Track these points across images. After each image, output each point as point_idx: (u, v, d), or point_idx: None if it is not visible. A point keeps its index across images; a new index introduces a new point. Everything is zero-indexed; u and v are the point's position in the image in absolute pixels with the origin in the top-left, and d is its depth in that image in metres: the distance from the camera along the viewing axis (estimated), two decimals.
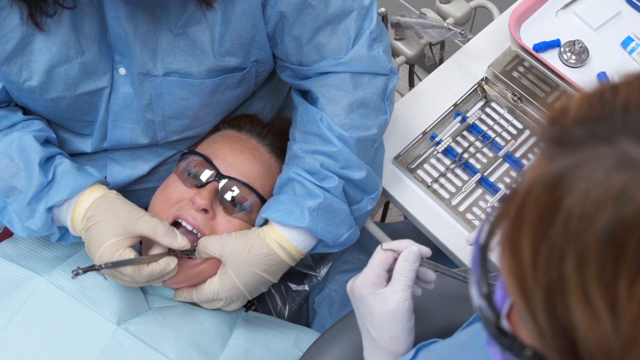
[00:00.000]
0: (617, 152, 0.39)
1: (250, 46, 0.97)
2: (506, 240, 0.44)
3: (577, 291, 0.39)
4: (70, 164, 0.97)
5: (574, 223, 0.39)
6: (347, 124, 0.98)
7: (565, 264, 0.39)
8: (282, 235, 0.96)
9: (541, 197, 0.41)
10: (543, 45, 1.15)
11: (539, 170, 0.42)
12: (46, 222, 0.95)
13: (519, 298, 0.43)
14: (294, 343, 1.02)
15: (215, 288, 0.97)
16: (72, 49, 0.90)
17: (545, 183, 0.41)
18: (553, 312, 0.41)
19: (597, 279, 0.38)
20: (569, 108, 0.44)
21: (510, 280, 0.44)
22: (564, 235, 0.39)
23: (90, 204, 0.94)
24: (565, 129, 0.43)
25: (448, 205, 1.10)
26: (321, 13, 0.96)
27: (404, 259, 0.80)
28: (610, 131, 0.40)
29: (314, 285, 1.15)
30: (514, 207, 0.43)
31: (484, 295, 0.48)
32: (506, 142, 1.15)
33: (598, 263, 0.38)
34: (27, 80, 0.92)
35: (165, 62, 0.93)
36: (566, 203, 0.40)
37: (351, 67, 0.99)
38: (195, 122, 1.04)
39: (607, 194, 0.38)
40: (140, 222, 0.92)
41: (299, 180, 0.97)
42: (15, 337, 0.92)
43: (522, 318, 0.45)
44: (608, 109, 0.42)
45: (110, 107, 0.98)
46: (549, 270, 0.40)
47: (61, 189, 0.94)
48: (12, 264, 0.98)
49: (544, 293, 0.41)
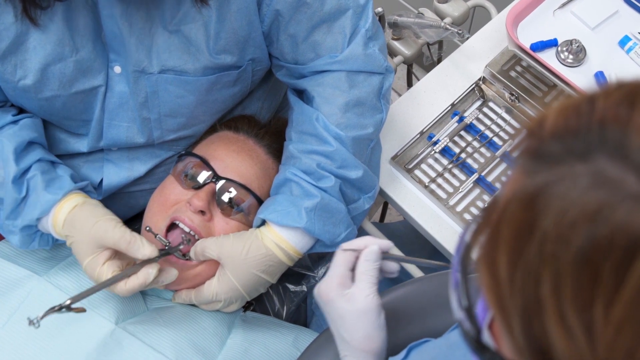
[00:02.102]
0: (593, 170, 0.38)
1: (246, 44, 0.97)
2: (484, 256, 0.43)
3: (553, 313, 0.38)
4: (41, 177, 0.95)
5: (549, 244, 0.38)
6: (343, 123, 0.98)
7: (542, 287, 0.39)
8: (280, 236, 0.96)
9: (517, 215, 0.40)
10: (540, 45, 1.15)
11: (516, 186, 0.41)
12: (24, 240, 0.96)
13: (498, 314, 0.43)
14: (293, 343, 1.02)
15: (214, 290, 0.97)
16: (66, 47, 0.90)
17: (521, 200, 0.40)
18: (530, 331, 0.40)
19: (573, 302, 0.37)
20: (545, 120, 0.42)
21: (489, 295, 0.43)
22: (540, 257, 0.39)
23: (64, 220, 0.93)
24: (542, 143, 0.41)
25: (445, 205, 1.10)
26: (317, 11, 0.96)
27: (365, 259, 0.80)
28: (586, 147, 0.39)
29: (311, 286, 1.15)
30: (492, 221, 0.43)
31: (464, 309, 0.47)
32: (504, 141, 1.15)
33: (574, 286, 0.37)
34: (22, 79, 0.92)
35: (160, 59, 0.93)
36: (542, 223, 0.39)
37: (347, 65, 0.99)
38: (192, 121, 1.03)
39: (582, 214, 0.37)
40: (107, 236, 0.90)
41: (295, 181, 0.97)
42: (13, 336, 0.92)
43: (502, 332, 0.44)
44: (584, 122, 0.40)
45: (105, 106, 0.98)
46: (525, 291, 0.40)
47: (32, 206, 0.94)
48: (10, 264, 0.98)
49: (520, 312, 0.40)
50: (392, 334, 0.91)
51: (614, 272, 0.36)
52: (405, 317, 0.92)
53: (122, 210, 1.13)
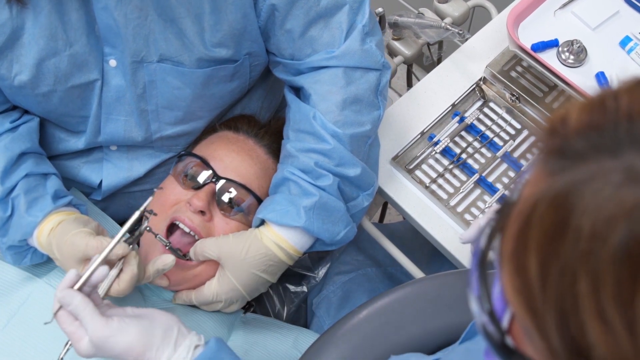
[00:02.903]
0: (624, 166, 0.38)
1: (242, 37, 0.97)
2: (509, 258, 0.42)
3: (592, 311, 0.38)
4: (23, 199, 0.94)
5: (584, 242, 0.38)
6: (341, 121, 0.98)
7: (579, 285, 0.38)
8: (279, 235, 0.95)
9: (547, 215, 0.40)
10: (541, 45, 1.15)
11: (542, 186, 0.41)
12: (15, 259, 0.96)
13: (527, 317, 0.42)
14: (293, 344, 1.02)
15: (214, 290, 0.97)
16: (59, 41, 0.90)
17: (551, 200, 0.40)
18: (566, 331, 0.40)
19: (614, 298, 0.37)
20: (568, 117, 0.42)
21: (516, 298, 0.42)
22: (575, 255, 0.38)
23: (45, 242, 0.93)
24: (566, 140, 0.41)
25: (446, 205, 1.10)
26: (313, 6, 0.96)
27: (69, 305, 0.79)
28: (615, 142, 0.39)
29: (312, 286, 1.15)
30: (517, 224, 0.42)
31: (488, 313, 0.46)
32: (504, 142, 1.15)
33: (614, 282, 0.37)
34: (18, 74, 0.92)
35: (158, 47, 0.93)
36: (575, 221, 0.38)
37: (344, 61, 0.99)
38: (189, 116, 1.03)
39: (619, 210, 0.37)
40: (78, 250, 0.88)
41: (293, 180, 0.97)
42: (13, 339, 0.92)
43: (528, 335, 0.43)
44: (611, 118, 0.40)
45: (102, 100, 0.98)
46: (560, 291, 0.39)
47: (15, 228, 0.94)
48: (9, 266, 0.98)
49: (556, 313, 0.40)
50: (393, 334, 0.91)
51: None
52: (406, 318, 0.92)
53: (122, 210, 1.13)
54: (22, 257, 0.96)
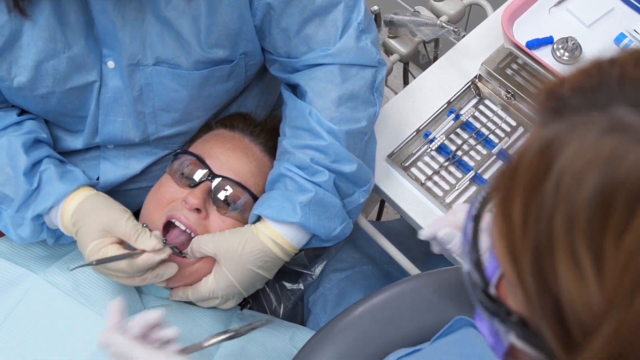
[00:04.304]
0: (610, 117, 0.40)
1: (238, 38, 0.97)
2: (499, 204, 0.44)
3: (564, 250, 0.39)
4: (54, 169, 0.97)
5: (564, 184, 0.39)
6: (337, 117, 0.98)
7: (554, 223, 0.40)
8: (275, 231, 0.96)
9: (534, 159, 0.42)
10: (536, 43, 1.15)
11: (533, 137, 0.43)
12: (34, 230, 0.97)
13: (507, 260, 0.43)
14: (289, 341, 1.02)
15: (211, 286, 0.97)
16: (58, 43, 0.91)
17: (539, 146, 0.42)
18: (540, 273, 0.41)
19: (585, 236, 0.39)
20: (565, 79, 0.44)
21: (500, 242, 0.44)
22: (555, 195, 0.40)
23: (75, 209, 0.95)
24: (562, 98, 0.43)
25: (442, 203, 1.10)
26: (308, 4, 0.96)
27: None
28: (606, 99, 0.41)
29: (308, 284, 1.15)
30: (508, 173, 0.44)
31: (474, 262, 0.48)
32: (500, 139, 1.15)
33: (586, 221, 0.39)
34: (17, 76, 0.92)
35: (155, 50, 0.94)
36: (558, 163, 0.40)
37: (339, 58, 0.99)
38: (186, 117, 1.03)
39: (598, 154, 0.39)
40: (118, 224, 0.92)
41: (289, 176, 0.97)
42: (11, 335, 0.92)
43: (509, 284, 0.45)
44: (605, 79, 0.42)
45: (100, 101, 0.98)
46: (537, 229, 0.41)
47: (45, 196, 0.95)
48: (7, 262, 0.99)
49: (532, 253, 0.41)
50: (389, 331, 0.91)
51: (627, 205, 0.38)
52: (401, 315, 0.92)
53: None
54: (41, 229, 0.98)
